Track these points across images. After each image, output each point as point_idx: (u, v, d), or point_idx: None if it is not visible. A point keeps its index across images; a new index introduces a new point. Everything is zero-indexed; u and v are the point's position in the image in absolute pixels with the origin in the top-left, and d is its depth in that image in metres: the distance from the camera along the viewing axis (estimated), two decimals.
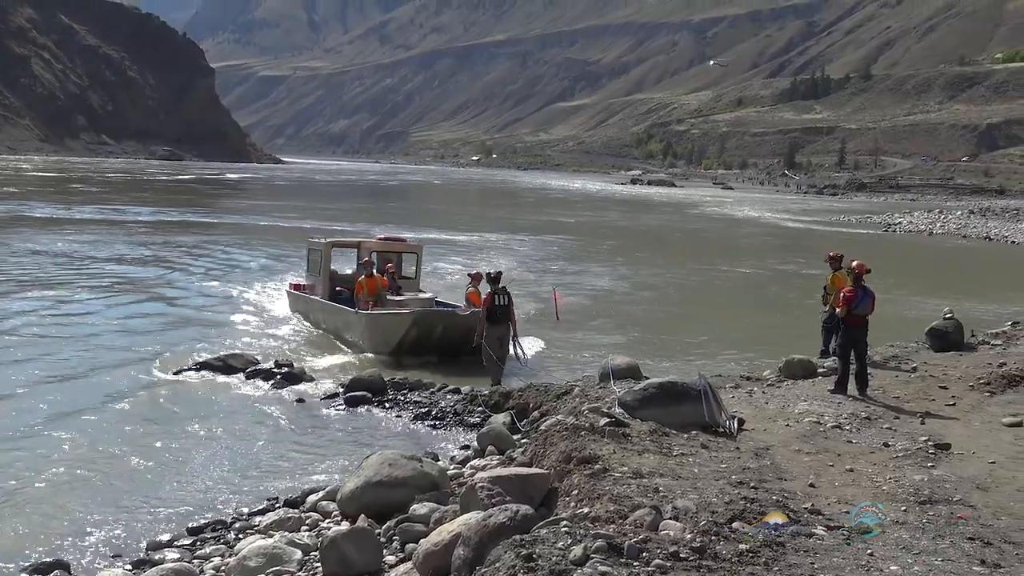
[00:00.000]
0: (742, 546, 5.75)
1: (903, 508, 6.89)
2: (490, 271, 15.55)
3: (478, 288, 16.21)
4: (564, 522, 6.22)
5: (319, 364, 16.02)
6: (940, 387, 11.72)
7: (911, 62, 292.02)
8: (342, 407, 13.21)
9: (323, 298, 19.15)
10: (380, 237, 21.92)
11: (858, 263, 11.76)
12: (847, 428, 9.69)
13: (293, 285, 21.20)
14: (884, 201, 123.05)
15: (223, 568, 7.64)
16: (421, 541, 7.11)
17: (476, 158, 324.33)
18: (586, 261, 36.98)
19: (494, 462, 9.83)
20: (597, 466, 7.53)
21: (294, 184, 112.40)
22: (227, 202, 70.45)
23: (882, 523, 6.40)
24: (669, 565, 5.39)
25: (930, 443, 8.90)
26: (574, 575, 5.22)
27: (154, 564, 7.63)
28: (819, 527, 6.35)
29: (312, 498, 9.24)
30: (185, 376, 14.61)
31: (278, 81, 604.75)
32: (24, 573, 7.52)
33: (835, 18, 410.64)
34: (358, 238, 22.79)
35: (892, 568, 5.55)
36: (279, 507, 9.18)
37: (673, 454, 8.31)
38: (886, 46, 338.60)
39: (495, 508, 6.58)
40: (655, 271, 34.26)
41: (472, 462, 10.22)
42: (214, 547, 8.19)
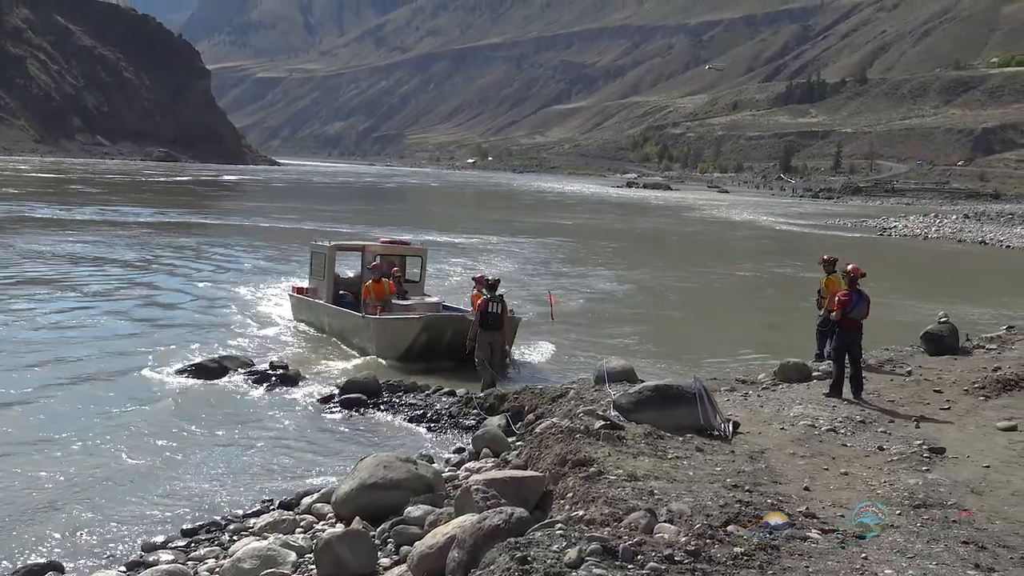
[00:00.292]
0: (737, 549, 5.76)
1: (898, 512, 6.90)
2: (488, 277, 15.57)
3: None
4: (559, 525, 6.23)
5: (315, 366, 15.99)
6: (935, 391, 11.73)
7: (907, 66, 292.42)
8: (337, 409, 13.19)
9: (327, 302, 19.06)
10: (384, 240, 21.66)
11: (853, 267, 11.79)
12: (842, 432, 9.70)
13: (295, 288, 20.95)
14: (879, 205, 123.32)
15: (217, 570, 7.61)
16: (416, 543, 7.11)
17: (471, 161, 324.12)
18: (583, 264, 37.00)
19: (489, 465, 9.82)
20: (592, 469, 7.52)
21: (292, 186, 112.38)
22: (226, 204, 70.44)
23: (882, 523, 6.42)
24: (664, 568, 5.39)
25: (925, 447, 8.91)
26: None
27: (148, 566, 7.61)
28: (814, 530, 6.36)
29: (307, 500, 9.22)
30: (180, 377, 14.57)
31: (274, 83, 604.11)
32: (17, 574, 7.49)
33: (831, 22, 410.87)
34: (362, 241, 22.64)
35: (887, 572, 5.57)
36: (274, 509, 9.16)
37: (668, 457, 8.31)
38: (882, 50, 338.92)
39: (490, 511, 6.57)
40: (651, 274, 34.29)
41: (467, 465, 10.21)
42: (208, 549, 8.17)
